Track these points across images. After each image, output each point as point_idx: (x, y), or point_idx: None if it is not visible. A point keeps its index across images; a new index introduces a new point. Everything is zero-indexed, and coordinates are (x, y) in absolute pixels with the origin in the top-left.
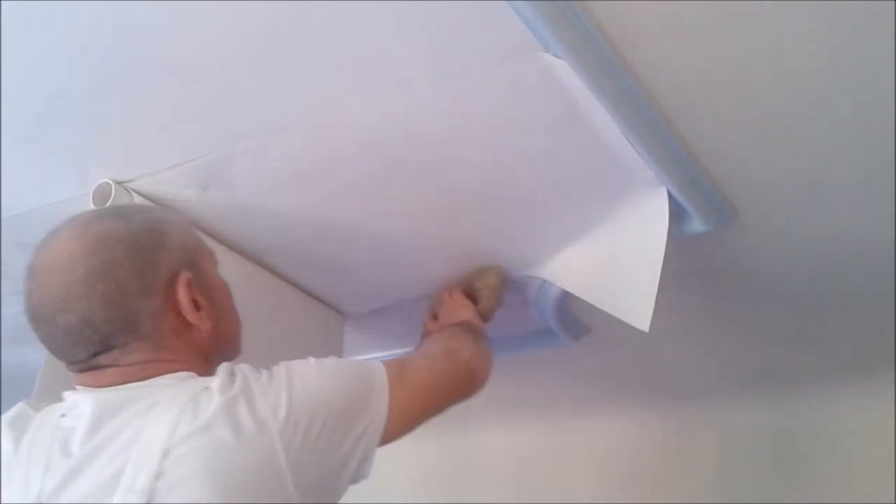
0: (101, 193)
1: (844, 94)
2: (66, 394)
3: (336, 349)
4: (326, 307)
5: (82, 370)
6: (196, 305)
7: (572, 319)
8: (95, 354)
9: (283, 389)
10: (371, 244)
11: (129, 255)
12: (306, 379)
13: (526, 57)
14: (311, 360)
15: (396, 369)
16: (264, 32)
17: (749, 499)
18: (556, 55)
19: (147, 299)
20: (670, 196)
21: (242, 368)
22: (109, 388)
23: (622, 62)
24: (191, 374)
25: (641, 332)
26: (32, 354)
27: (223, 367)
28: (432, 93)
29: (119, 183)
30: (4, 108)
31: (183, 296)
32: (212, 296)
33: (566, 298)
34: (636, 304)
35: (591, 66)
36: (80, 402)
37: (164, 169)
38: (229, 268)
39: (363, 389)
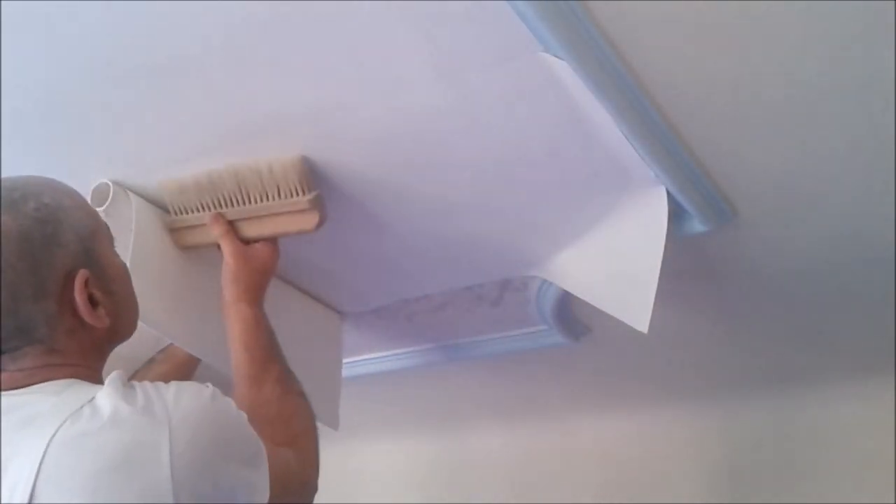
0: (100, 194)
1: (844, 95)
2: None
3: (336, 349)
4: (326, 307)
5: None
6: (93, 302)
7: (572, 319)
8: None
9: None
10: (370, 244)
11: (20, 257)
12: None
13: (526, 57)
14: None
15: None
16: (265, 33)
17: (748, 498)
18: (556, 55)
19: (41, 303)
20: (670, 196)
21: (144, 385)
22: None
23: (622, 62)
24: (76, 381)
25: (641, 332)
26: None
27: (114, 380)
28: (432, 93)
29: (117, 183)
30: (4, 107)
31: (80, 297)
32: (110, 287)
33: (566, 298)
34: (635, 304)
35: (591, 66)
36: None
37: (163, 169)
38: None
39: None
